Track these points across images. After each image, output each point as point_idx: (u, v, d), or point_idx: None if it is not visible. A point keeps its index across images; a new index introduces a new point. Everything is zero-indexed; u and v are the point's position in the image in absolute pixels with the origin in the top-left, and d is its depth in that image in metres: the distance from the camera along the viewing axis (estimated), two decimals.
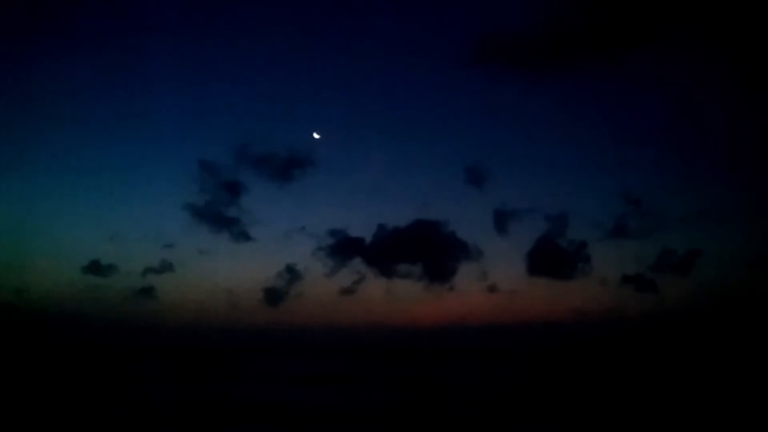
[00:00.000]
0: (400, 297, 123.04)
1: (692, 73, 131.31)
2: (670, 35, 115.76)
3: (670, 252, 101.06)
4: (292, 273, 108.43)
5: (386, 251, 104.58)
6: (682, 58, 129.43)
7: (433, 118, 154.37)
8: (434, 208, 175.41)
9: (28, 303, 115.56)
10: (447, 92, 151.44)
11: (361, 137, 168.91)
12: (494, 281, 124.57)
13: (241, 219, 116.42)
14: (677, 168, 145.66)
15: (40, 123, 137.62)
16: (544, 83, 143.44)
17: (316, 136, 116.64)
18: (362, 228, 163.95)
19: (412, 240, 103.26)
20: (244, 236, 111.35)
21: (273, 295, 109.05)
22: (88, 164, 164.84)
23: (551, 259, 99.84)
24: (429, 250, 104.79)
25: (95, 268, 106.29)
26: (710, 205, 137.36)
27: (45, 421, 30.06)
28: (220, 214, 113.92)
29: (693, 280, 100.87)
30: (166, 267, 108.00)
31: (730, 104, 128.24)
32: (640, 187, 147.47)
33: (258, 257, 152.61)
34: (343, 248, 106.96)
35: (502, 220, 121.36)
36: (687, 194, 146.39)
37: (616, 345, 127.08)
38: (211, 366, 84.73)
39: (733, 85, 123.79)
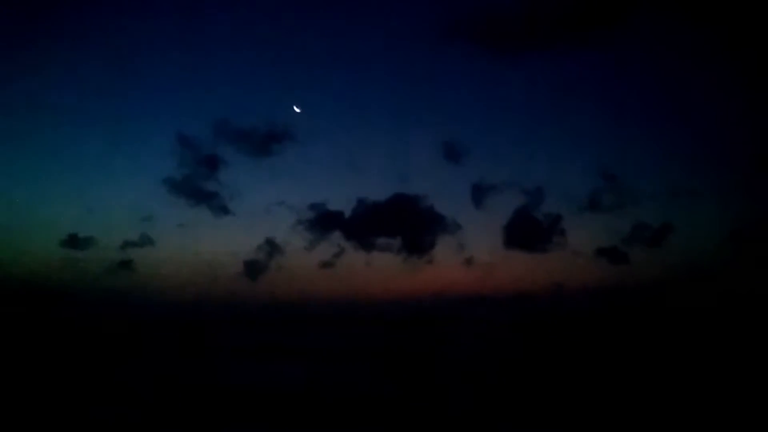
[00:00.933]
0: (379, 270, 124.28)
1: (667, 53, 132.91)
2: (645, 15, 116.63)
3: (643, 226, 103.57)
4: (272, 246, 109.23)
5: (365, 225, 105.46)
6: (657, 38, 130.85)
7: (412, 93, 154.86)
8: (413, 183, 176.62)
9: (6, 277, 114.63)
10: (425, 68, 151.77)
11: (339, 113, 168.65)
12: (472, 254, 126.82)
13: (220, 193, 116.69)
14: (651, 145, 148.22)
15: (17, 98, 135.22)
16: (521, 60, 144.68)
17: (297, 109, 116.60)
18: (342, 202, 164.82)
19: (391, 214, 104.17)
20: (223, 210, 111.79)
21: (253, 269, 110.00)
22: (66, 138, 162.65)
23: (527, 232, 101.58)
24: (408, 223, 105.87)
25: (73, 241, 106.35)
26: (682, 181, 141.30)
27: (23, 394, 30.52)
28: (199, 188, 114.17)
29: (665, 253, 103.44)
30: (145, 240, 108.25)
31: (704, 83, 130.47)
32: (614, 163, 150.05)
33: (238, 231, 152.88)
34: (322, 222, 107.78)
35: (479, 194, 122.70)
36: (660, 170, 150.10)
37: (591, 316, 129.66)
38: (191, 340, 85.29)
39: (707, 64, 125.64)
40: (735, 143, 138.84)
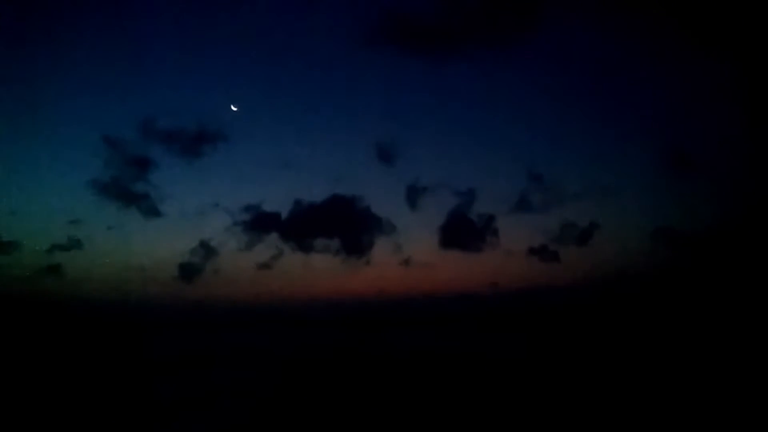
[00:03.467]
0: (318, 271, 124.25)
1: (588, 54, 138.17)
2: (565, 17, 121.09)
3: (571, 225, 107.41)
4: (206, 249, 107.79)
5: (303, 226, 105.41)
6: (578, 40, 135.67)
7: (344, 95, 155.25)
8: (349, 184, 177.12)
9: None
10: (357, 70, 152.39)
11: (272, 114, 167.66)
12: (409, 254, 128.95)
13: (150, 194, 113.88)
14: (575, 146, 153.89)
15: None
16: (450, 64, 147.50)
17: (234, 108, 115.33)
18: (277, 203, 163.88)
19: (329, 215, 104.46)
20: (154, 212, 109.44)
21: (188, 271, 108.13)
22: None
23: (462, 232, 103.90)
24: (345, 224, 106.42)
25: None
26: (606, 181, 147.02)
27: None
28: (127, 189, 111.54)
29: (592, 250, 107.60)
30: (73, 244, 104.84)
31: (624, 84, 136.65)
32: (541, 164, 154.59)
33: (171, 233, 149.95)
34: (258, 223, 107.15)
35: (414, 196, 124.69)
36: (585, 171, 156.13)
37: (526, 312, 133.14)
38: (122, 344, 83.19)
39: (626, 65, 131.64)
40: (653, 143, 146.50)
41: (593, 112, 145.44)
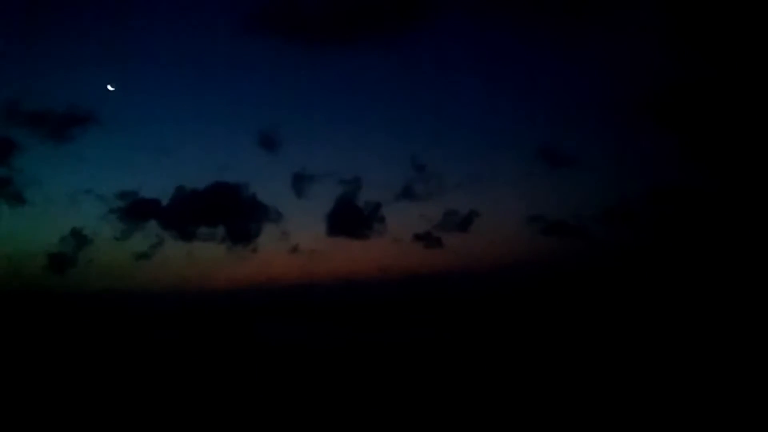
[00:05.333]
0: (202, 260, 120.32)
1: (471, 49, 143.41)
2: (451, 11, 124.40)
3: (452, 212, 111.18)
4: (78, 238, 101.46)
5: (185, 214, 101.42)
6: (463, 34, 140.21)
7: (226, 81, 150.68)
8: (234, 171, 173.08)
9: None
10: (240, 56, 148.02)
11: (149, 98, 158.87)
12: (297, 242, 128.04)
13: (14, 180, 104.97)
14: (456, 137, 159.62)
15: None
16: (335, 53, 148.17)
17: (110, 88, 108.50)
18: (156, 190, 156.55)
19: (212, 202, 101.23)
20: (18, 199, 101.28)
21: (59, 261, 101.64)
22: None
23: (350, 219, 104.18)
24: (230, 212, 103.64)
25: None
26: (483, 171, 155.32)
27: None
28: None
29: (473, 236, 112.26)
30: None
31: (503, 79, 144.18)
32: (424, 154, 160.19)
33: (39, 221, 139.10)
34: (136, 211, 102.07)
35: (300, 183, 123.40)
36: (463, 161, 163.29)
37: (412, 298, 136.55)
38: None
39: (506, 62, 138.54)
40: (526, 136, 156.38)
41: (473, 106, 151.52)
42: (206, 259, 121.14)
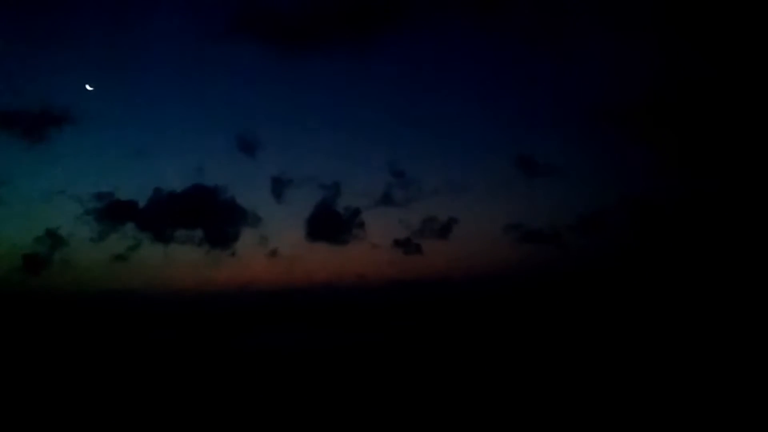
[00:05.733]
0: (179, 263, 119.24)
1: (448, 54, 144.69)
2: (430, 16, 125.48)
3: (432, 219, 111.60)
4: (53, 239, 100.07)
5: (163, 216, 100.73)
6: (441, 40, 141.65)
7: (204, 84, 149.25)
8: (212, 175, 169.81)
9: None
10: (218, 60, 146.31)
11: (126, 99, 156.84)
12: (276, 246, 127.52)
13: None
14: (434, 144, 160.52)
15: None
16: (315, 57, 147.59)
17: (89, 87, 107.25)
18: (133, 192, 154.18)
19: (191, 205, 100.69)
20: None
21: (33, 263, 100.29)
22: None
23: (329, 224, 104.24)
24: (208, 215, 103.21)
25: None
26: (462, 178, 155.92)
27: None
28: None
29: (452, 243, 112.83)
30: None
31: (481, 88, 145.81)
32: (403, 161, 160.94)
33: (11, 222, 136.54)
34: (112, 212, 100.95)
35: (279, 188, 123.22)
36: (443, 168, 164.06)
37: (392, 303, 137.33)
38: None
39: (484, 69, 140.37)
40: (504, 145, 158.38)
41: (452, 113, 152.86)
42: (184, 262, 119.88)
